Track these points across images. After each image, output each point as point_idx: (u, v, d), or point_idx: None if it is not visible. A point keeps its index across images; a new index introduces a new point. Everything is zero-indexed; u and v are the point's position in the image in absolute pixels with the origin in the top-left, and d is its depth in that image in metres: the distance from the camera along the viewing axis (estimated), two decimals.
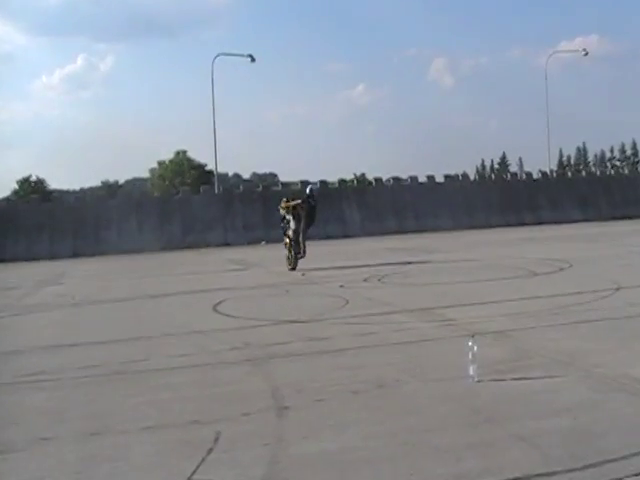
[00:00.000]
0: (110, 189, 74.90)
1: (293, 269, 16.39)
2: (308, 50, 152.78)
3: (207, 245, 30.79)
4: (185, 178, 65.38)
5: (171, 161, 70.50)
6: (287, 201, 17.11)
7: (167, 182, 66.12)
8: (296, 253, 16.66)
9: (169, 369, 6.56)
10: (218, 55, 39.43)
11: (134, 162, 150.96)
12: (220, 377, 6.15)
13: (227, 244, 31.23)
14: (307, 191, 17.58)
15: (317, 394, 5.31)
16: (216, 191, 35.69)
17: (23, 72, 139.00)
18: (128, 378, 6.33)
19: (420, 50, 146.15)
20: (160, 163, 71.29)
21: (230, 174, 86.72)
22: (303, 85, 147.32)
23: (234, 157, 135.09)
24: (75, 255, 28.99)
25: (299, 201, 16.99)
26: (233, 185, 44.96)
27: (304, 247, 16.75)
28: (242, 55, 40.02)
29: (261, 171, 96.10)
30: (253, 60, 39.25)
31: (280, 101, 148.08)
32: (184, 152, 70.59)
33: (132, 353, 7.45)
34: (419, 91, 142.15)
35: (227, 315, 9.86)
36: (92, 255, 28.70)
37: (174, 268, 20.38)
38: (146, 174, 77.23)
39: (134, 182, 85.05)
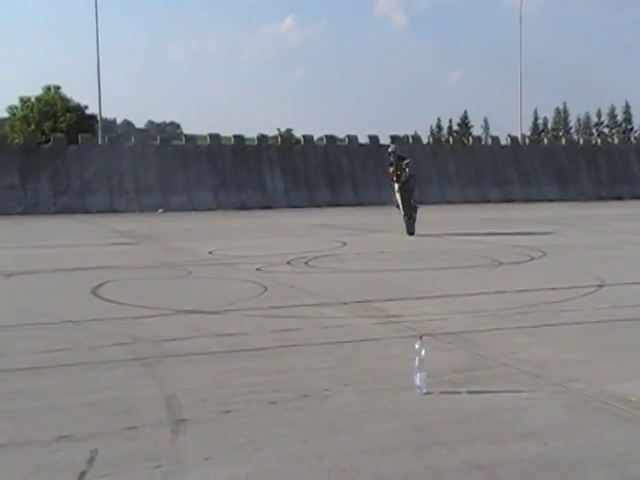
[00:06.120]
0: None
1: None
2: None
3: (86, 211, 30.28)
4: (58, 122, 64.00)
5: (39, 99, 68.70)
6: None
7: (33, 126, 64.56)
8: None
9: (30, 369, 6.41)
10: None
11: None
12: (99, 380, 6.04)
13: (113, 210, 30.87)
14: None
15: (224, 404, 5.29)
16: (100, 141, 35.07)
17: None
18: None
19: None
20: (24, 100, 69.39)
21: (119, 121, 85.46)
22: (216, 12, 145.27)
23: (124, 99, 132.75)
24: None
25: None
26: (123, 135, 44.27)
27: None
28: None
29: (159, 120, 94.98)
30: None
31: (186, 32, 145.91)
32: (57, 88, 69.02)
33: None
34: (363, 30, 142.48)
35: (110, 301, 9.75)
36: None
37: (40, 238, 19.93)
38: (3, 113, 75.46)
39: None
